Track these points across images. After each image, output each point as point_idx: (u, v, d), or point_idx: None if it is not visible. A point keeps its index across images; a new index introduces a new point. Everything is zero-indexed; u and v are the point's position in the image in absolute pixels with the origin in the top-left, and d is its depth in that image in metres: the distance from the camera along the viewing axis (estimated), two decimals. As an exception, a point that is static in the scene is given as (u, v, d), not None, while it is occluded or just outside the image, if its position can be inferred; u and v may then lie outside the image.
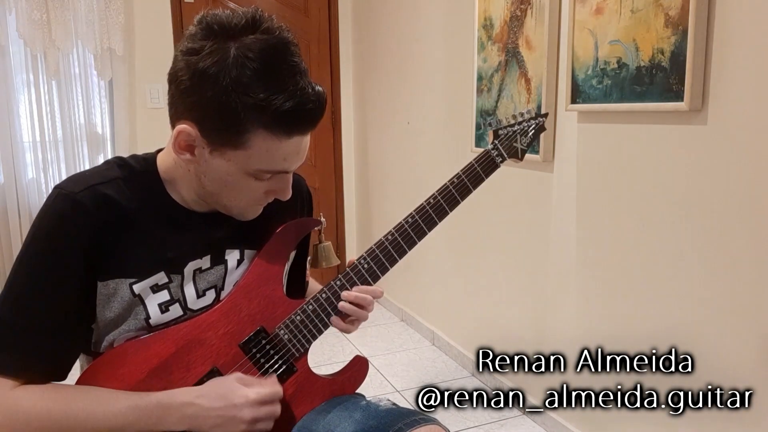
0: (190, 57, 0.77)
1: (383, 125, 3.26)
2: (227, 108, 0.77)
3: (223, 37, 0.77)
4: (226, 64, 0.75)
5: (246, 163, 0.82)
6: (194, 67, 0.77)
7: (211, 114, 0.78)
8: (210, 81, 0.76)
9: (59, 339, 0.84)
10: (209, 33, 0.78)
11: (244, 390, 0.86)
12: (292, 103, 0.77)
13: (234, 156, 0.81)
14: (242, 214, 0.92)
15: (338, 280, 0.97)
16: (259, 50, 0.76)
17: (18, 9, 2.79)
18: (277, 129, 0.79)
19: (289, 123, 0.79)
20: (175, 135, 0.82)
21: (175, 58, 0.80)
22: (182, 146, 0.82)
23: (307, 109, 0.79)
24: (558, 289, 2.00)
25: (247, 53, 0.76)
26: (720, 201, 1.42)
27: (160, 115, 3.07)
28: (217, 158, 0.82)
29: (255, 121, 0.78)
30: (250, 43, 0.76)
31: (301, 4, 3.45)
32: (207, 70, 0.76)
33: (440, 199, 0.99)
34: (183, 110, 0.81)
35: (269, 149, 0.80)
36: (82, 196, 0.82)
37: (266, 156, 0.81)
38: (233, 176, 0.84)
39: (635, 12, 1.55)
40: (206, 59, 0.76)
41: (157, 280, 0.88)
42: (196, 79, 0.77)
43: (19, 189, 2.96)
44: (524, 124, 1.07)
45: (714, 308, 1.46)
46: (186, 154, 0.83)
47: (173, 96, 0.82)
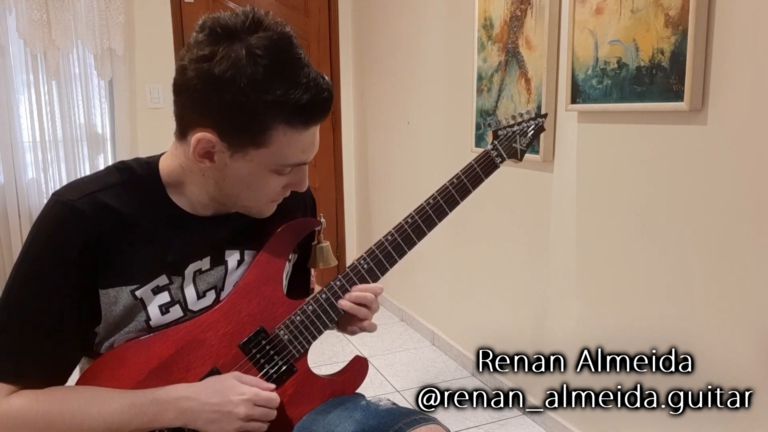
0: (201, 64, 0.77)
1: (383, 125, 3.26)
2: (247, 108, 0.78)
3: (229, 39, 0.77)
4: (241, 65, 0.76)
5: (268, 160, 0.83)
6: (209, 74, 0.77)
7: (231, 117, 0.79)
8: (227, 85, 0.77)
9: (57, 345, 0.84)
10: (215, 38, 0.78)
11: (241, 387, 0.87)
12: (309, 95, 0.79)
13: (256, 155, 0.82)
14: (261, 212, 0.93)
15: (338, 281, 0.97)
16: (266, 48, 0.77)
17: (18, 9, 2.79)
18: (296, 122, 0.81)
19: (307, 114, 0.81)
20: (193, 144, 0.81)
21: (182, 69, 0.80)
22: (201, 154, 0.83)
23: (322, 99, 0.81)
24: (558, 289, 2.00)
25: (256, 51, 0.77)
26: (720, 201, 1.42)
27: (160, 115, 3.08)
28: (239, 160, 0.83)
29: (275, 117, 0.79)
30: (257, 42, 0.77)
31: (301, 4, 3.45)
32: (222, 76, 0.76)
33: (440, 199, 0.99)
34: (199, 118, 0.81)
35: (290, 143, 0.82)
36: (80, 204, 0.82)
37: (287, 150, 0.83)
38: (255, 175, 0.85)
39: (635, 12, 1.55)
40: (220, 64, 0.76)
41: (158, 283, 0.88)
42: (213, 86, 0.77)
43: (19, 189, 2.96)
44: (524, 124, 1.07)
45: (714, 308, 1.46)
46: (205, 161, 0.84)
47: (184, 106, 0.82)
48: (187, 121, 0.83)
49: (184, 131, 0.84)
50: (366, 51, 3.42)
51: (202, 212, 0.92)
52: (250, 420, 0.87)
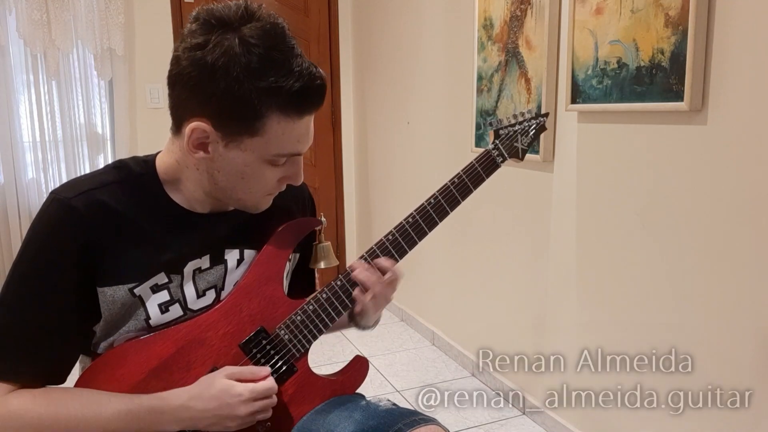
0: (195, 53, 0.78)
1: (383, 125, 3.26)
2: (241, 96, 0.78)
3: (222, 29, 0.78)
4: (234, 53, 0.77)
5: (263, 150, 0.83)
6: (202, 62, 0.77)
7: (225, 105, 0.79)
8: (221, 72, 0.77)
9: (55, 343, 0.84)
10: (209, 27, 0.78)
11: (237, 388, 0.86)
12: (302, 83, 0.79)
13: (251, 144, 0.82)
14: (256, 205, 0.92)
15: (338, 281, 0.97)
16: (260, 37, 0.78)
17: (18, 9, 2.79)
18: (290, 110, 0.81)
19: (300, 102, 0.81)
20: (188, 134, 0.82)
21: (176, 59, 0.80)
22: (195, 144, 0.83)
23: (316, 86, 0.81)
24: (558, 288, 2.00)
25: (250, 40, 0.77)
26: (720, 201, 1.42)
27: (160, 115, 3.08)
28: (233, 150, 0.83)
29: (270, 104, 0.79)
30: (249, 32, 0.78)
31: (301, 4, 3.45)
32: (216, 63, 0.77)
33: (441, 198, 0.99)
34: (194, 107, 0.81)
35: (284, 131, 0.82)
36: (76, 202, 0.82)
37: (282, 139, 0.82)
38: (250, 166, 0.84)
39: (635, 12, 1.55)
40: (213, 52, 0.77)
41: (157, 281, 0.88)
42: (206, 74, 0.78)
43: (19, 189, 2.96)
44: (525, 123, 1.07)
45: (714, 308, 1.46)
46: (199, 152, 0.83)
47: (179, 96, 0.83)
48: (181, 112, 0.83)
49: (179, 124, 0.84)
50: (366, 51, 3.42)
51: (200, 209, 0.91)
52: (252, 415, 0.87)
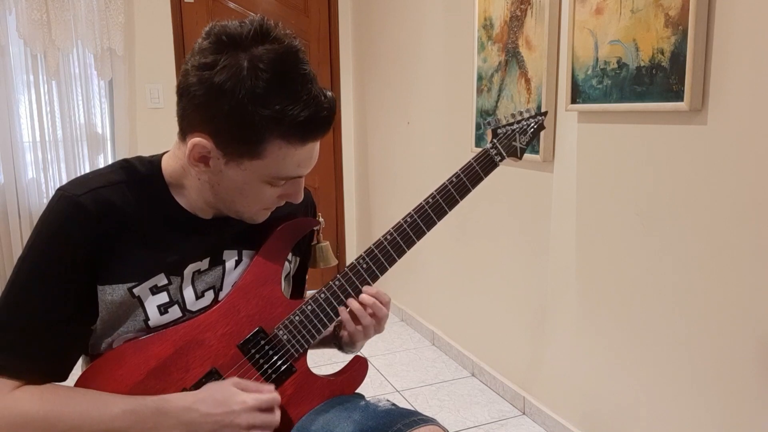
0: (203, 72, 0.78)
1: (383, 125, 3.26)
2: (244, 120, 0.78)
3: (233, 49, 0.78)
4: (241, 77, 0.76)
5: (262, 172, 0.83)
6: (209, 82, 0.77)
7: (227, 127, 0.79)
8: (226, 95, 0.77)
9: (59, 340, 0.84)
10: (220, 46, 0.78)
11: (242, 396, 0.86)
12: (308, 113, 0.79)
13: (250, 165, 0.83)
14: (253, 218, 0.93)
15: (337, 281, 0.97)
16: (270, 60, 0.77)
17: (18, 9, 2.79)
18: (293, 138, 0.80)
19: (304, 131, 0.81)
20: (189, 148, 0.82)
21: (185, 72, 0.81)
22: (197, 158, 0.83)
23: (321, 117, 0.81)
24: (558, 289, 2.00)
25: (259, 64, 0.77)
26: (720, 201, 1.42)
27: (160, 115, 3.08)
28: (233, 168, 0.83)
29: (272, 131, 0.79)
30: (261, 54, 0.77)
31: (301, 4, 3.45)
32: (222, 85, 0.77)
33: (439, 198, 0.99)
34: (197, 123, 0.81)
35: (285, 157, 0.82)
36: (85, 199, 0.82)
37: (282, 164, 0.83)
38: (249, 184, 0.85)
39: (635, 12, 1.55)
40: (221, 74, 0.77)
41: (156, 282, 0.88)
42: (212, 94, 0.78)
43: (19, 189, 2.96)
44: (523, 122, 1.07)
45: (714, 308, 1.45)
46: (200, 165, 0.84)
47: (185, 109, 0.83)
48: (186, 124, 0.84)
49: (184, 134, 0.85)
50: (366, 51, 3.42)
51: (202, 215, 0.92)
52: (253, 428, 0.86)
